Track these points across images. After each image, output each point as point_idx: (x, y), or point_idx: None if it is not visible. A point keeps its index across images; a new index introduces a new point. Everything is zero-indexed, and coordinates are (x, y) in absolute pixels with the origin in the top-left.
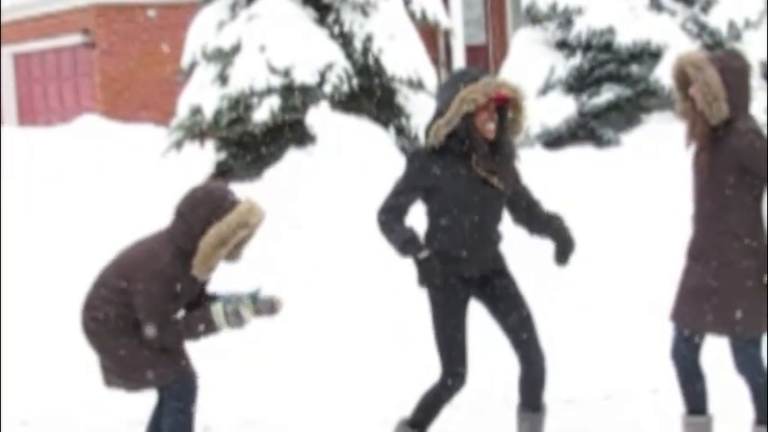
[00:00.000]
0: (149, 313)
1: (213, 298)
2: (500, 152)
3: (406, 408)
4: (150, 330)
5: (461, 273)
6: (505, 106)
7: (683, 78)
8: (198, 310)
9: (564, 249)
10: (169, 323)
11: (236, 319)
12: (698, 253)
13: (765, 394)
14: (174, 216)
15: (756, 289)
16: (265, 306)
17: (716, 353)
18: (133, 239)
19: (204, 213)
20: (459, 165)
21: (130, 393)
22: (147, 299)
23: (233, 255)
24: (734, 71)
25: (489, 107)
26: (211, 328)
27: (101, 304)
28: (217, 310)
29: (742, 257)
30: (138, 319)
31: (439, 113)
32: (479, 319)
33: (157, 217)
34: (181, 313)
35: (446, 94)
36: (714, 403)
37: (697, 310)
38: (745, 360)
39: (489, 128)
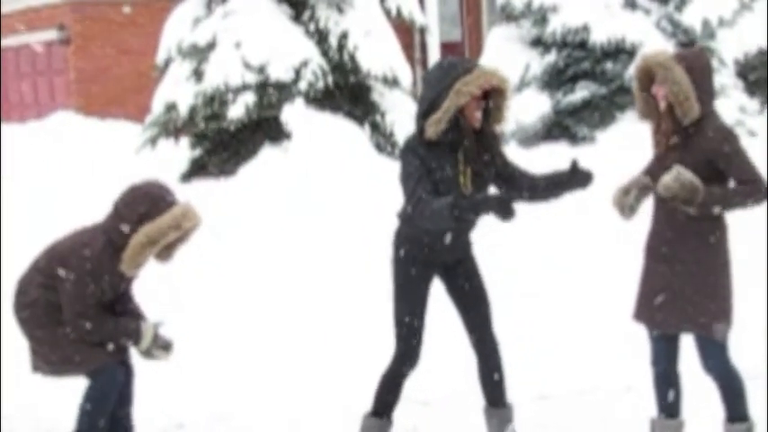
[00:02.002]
0: (71, 300)
1: (132, 301)
2: (484, 140)
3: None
4: (68, 317)
5: (435, 258)
6: (489, 93)
7: (646, 79)
8: (132, 319)
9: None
10: (90, 315)
11: (159, 349)
12: (660, 253)
13: (735, 392)
14: (111, 210)
15: (722, 287)
16: (162, 343)
17: (688, 353)
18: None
19: (139, 211)
20: (447, 155)
21: (55, 378)
22: (72, 286)
23: (163, 255)
24: (699, 69)
25: (478, 97)
26: (135, 341)
27: (32, 290)
28: (148, 327)
29: (708, 256)
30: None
31: (431, 106)
32: (451, 316)
33: None
34: (109, 312)
35: (438, 85)
36: (686, 404)
37: (663, 310)
38: (712, 358)
39: (477, 116)
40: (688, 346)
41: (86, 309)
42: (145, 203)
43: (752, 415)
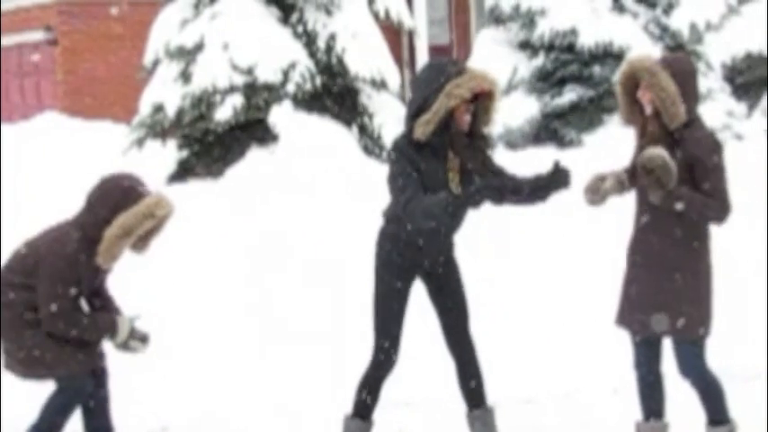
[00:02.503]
0: (48, 297)
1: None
2: (474, 143)
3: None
4: (46, 314)
5: (418, 260)
6: (478, 96)
7: (631, 84)
8: (109, 314)
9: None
10: (67, 311)
11: (136, 341)
12: (643, 258)
13: (713, 395)
14: (84, 204)
15: (702, 292)
16: (139, 336)
17: (672, 356)
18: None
19: (111, 203)
20: (436, 158)
21: (25, 381)
22: (49, 283)
23: (139, 246)
24: (684, 75)
25: (468, 100)
26: (112, 335)
27: (7, 289)
28: (125, 321)
29: (689, 261)
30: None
31: (421, 107)
32: (435, 317)
33: None
34: (84, 307)
35: (429, 87)
36: (670, 407)
37: (645, 314)
38: (688, 363)
39: (466, 119)
40: (671, 349)
41: (64, 305)
42: (117, 195)
43: (733, 416)
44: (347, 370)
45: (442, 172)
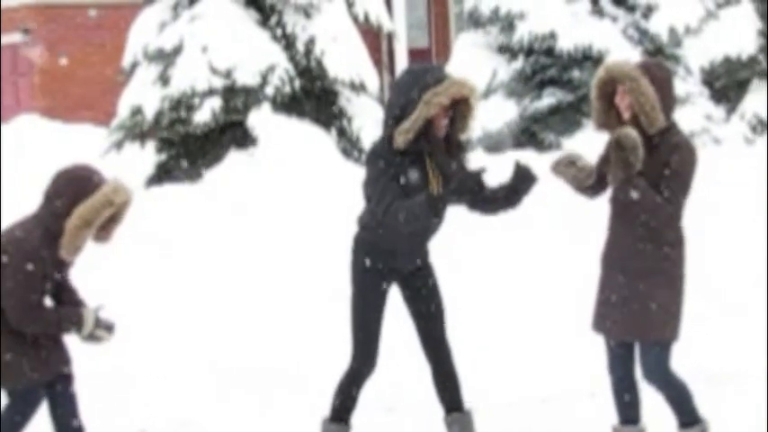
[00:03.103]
0: (13, 295)
1: (74, 291)
2: (450, 149)
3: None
4: (11, 312)
5: (395, 266)
6: (456, 102)
7: (607, 88)
8: (73, 307)
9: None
10: (33, 307)
11: (101, 331)
12: (616, 263)
13: (680, 397)
14: (42, 198)
15: (673, 296)
16: (105, 325)
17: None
18: None
19: (69, 194)
20: (416, 164)
21: None
22: (13, 281)
23: (102, 236)
24: (662, 80)
25: (447, 106)
26: (78, 327)
27: None
28: (89, 313)
29: (661, 266)
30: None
31: (400, 113)
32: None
33: None
34: (48, 302)
35: (408, 93)
36: (647, 410)
37: (618, 318)
38: (653, 367)
39: (444, 124)
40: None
41: (29, 302)
42: (73, 186)
43: (702, 415)
44: (327, 375)
45: (422, 178)
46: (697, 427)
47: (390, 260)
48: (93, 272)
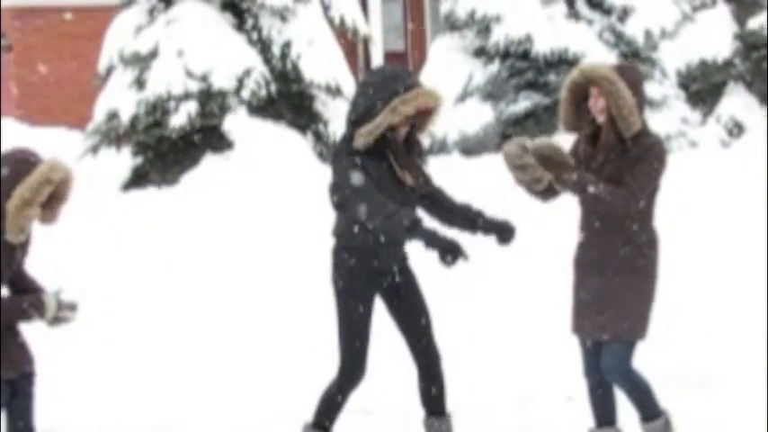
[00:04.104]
0: None
1: (32, 280)
2: (410, 150)
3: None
4: None
5: (377, 266)
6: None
7: (580, 91)
8: (33, 294)
9: (504, 231)
10: None
11: (65, 312)
12: (594, 263)
13: (641, 392)
14: None
15: (647, 295)
16: (67, 306)
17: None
18: (47, 246)
19: (7, 176)
20: (381, 163)
21: None
22: None
23: (48, 216)
24: (636, 83)
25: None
26: (40, 312)
27: None
28: (50, 297)
29: (639, 264)
30: None
31: (364, 115)
32: (393, 325)
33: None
34: (4, 291)
35: (375, 95)
36: (622, 415)
37: (594, 318)
38: (615, 364)
39: (403, 132)
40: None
41: None
42: (10, 169)
43: (664, 408)
44: (310, 376)
45: (389, 175)
46: (660, 419)
47: (374, 261)
48: (69, 275)
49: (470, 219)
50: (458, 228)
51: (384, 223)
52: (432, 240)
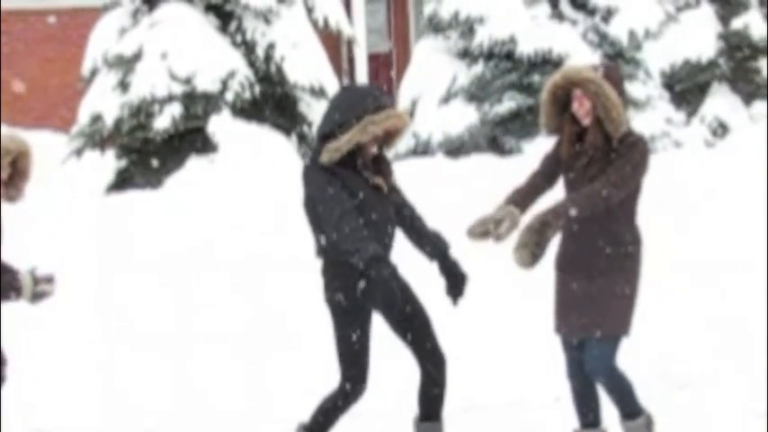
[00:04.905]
0: None
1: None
2: (378, 165)
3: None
4: None
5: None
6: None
7: (562, 93)
8: (8, 275)
9: (456, 284)
10: None
11: (43, 286)
12: (579, 263)
13: (623, 390)
14: None
15: (631, 292)
16: (44, 280)
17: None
18: (30, 248)
19: None
20: (356, 173)
21: None
22: None
23: (11, 194)
24: (620, 84)
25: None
26: (18, 291)
27: None
28: (25, 276)
29: (624, 263)
30: None
31: (332, 131)
32: (379, 329)
33: (57, 223)
34: None
35: (346, 113)
36: (606, 416)
37: (581, 317)
38: (600, 361)
39: (372, 151)
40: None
41: None
42: None
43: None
44: (289, 377)
45: (366, 185)
46: (641, 417)
47: (367, 276)
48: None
49: (438, 252)
50: (424, 254)
51: (350, 246)
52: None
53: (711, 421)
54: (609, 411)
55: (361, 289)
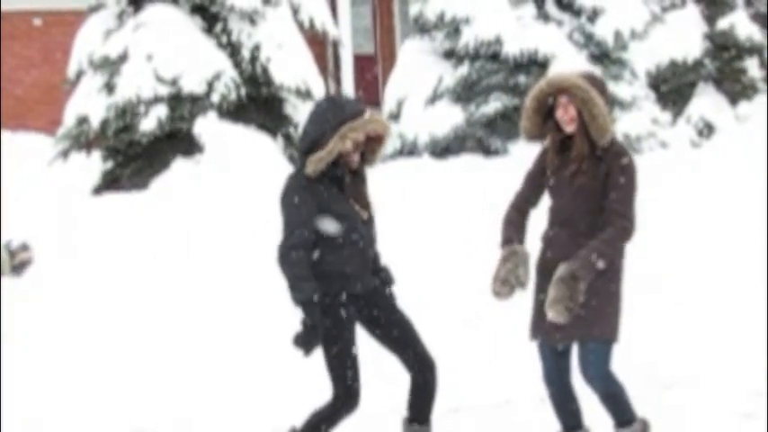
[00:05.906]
0: None
1: None
2: (357, 180)
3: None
4: None
5: (350, 290)
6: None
7: (546, 100)
8: None
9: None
10: None
11: (20, 256)
12: (554, 267)
13: (618, 397)
14: None
15: (615, 294)
16: (20, 249)
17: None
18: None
19: None
20: (335, 186)
21: None
22: None
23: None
24: (604, 91)
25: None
26: None
27: None
28: (1, 250)
29: (606, 270)
30: None
31: (315, 143)
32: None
33: (43, 225)
34: None
35: (323, 124)
36: (588, 417)
37: (568, 327)
38: (596, 366)
39: (355, 159)
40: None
41: None
42: None
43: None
44: (268, 384)
45: (345, 198)
46: (636, 424)
47: (346, 284)
48: (40, 279)
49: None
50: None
51: (289, 274)
52: (310, 329)
53: (697, 422)
54: (594, 414)
55: (342, 301)
